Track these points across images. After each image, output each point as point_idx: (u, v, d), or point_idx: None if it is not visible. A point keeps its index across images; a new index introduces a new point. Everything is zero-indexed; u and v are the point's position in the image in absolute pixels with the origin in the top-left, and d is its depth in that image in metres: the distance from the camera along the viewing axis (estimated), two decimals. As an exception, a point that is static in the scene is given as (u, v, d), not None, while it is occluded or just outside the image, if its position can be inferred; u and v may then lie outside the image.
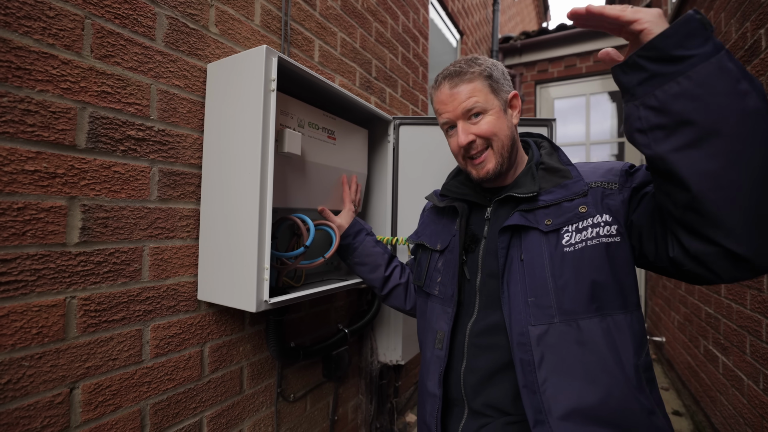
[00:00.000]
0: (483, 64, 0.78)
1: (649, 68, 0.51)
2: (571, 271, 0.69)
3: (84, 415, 0.76)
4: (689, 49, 0.48)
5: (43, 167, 0.70)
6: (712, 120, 0.48)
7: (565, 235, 0.71)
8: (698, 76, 0.48)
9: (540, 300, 0.70)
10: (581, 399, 0.64)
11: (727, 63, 0.47)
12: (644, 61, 0.52)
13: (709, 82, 0.47)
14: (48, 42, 0.71)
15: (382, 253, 1.08)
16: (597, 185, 0.73)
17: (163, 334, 0.90)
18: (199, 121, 0.98)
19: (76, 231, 0.75)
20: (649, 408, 0.65)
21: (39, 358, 0.70)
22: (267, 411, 1.20)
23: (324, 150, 1.14)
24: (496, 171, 0.79)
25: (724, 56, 0.48)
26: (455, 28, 3.18)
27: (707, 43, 0.48)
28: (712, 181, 0.50)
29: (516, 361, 0.69)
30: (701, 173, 0.50)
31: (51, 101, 0.71)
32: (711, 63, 0.47)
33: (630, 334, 0.68)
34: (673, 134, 0.51)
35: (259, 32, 1.16)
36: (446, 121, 0.81)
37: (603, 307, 0.68)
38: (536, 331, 0.68)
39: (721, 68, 0.47)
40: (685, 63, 0.48)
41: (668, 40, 0.49)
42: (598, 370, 0.65)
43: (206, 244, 0.96)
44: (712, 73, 0.47)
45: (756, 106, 0.47)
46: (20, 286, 0.68)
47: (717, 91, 0.47)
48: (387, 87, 1.89)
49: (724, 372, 1.90)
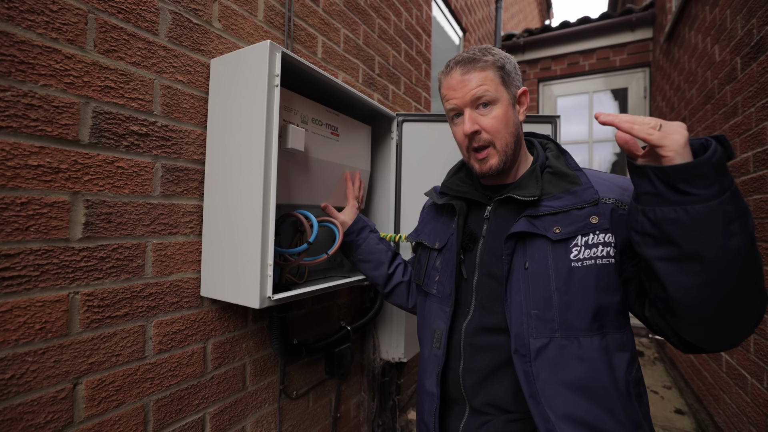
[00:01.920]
0: (497, 55, 0.77)
1: (657, 187, 0.53)
2: (577, 288, 0.68)
3: (87, 411, 0.76)
4: (693, 187, 0.50)
5: (46, 162, 0.70)
6: (696, 248, 0.52)
7: (574, 249, 0.69)
8: (694, 212, 0.50)
9: (543, 313, 0.69)
10: (576, 411, 0.66)
11: (725, 207, 0.50)
12: (655, 178, 0.53)
13: (702, 221, 0.50)
14: (51, 36, 0.70)
15: (385, 250, 1.08)
16: (609, 201, 0.72)
17: (166, 330, 0.90)
18: (203, 117, 0.97)
19: (80, 226, 0.75)
20: (638, 422, 0.68)
21: (42, 354, 0.70)
22: (270, 408, 1.20)
23: (327, 146, 1.13)
24: (499, 168, 0.78)
25: (724, 201, 0.50)
26: (458, 26, 3.17)
27: (712, 186, 0.50)
28: (685, 291, 0.56)
29: (518, 371, 0.70)
30: (677, 283, 0.56)
31: (54, 96, 0.71)
32: (709, 206, 0.50)
33: (624, 351, 0.70)
34: (660, 246, 0.56)
35: (263, 28, 1.15)
36: (453, 107, 0.79)
37: (604, 326, 0.69)
38: (537, 344, 0.69)
39: (716, 212, 0.50)
40: (687, 197, 0.51)
41: (678, 174, 0.51)
42: (593, 385, 0.66)
43: (209, 241, 0.95)
44: (707, 215, 0.50)
45: (741, 246, 0.51)
46: (24, 281, 0.67)
47: (707, 229, 0.51)
48: (390, 84, 1.88)
49: (727, 370, 1.89)
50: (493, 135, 0.76)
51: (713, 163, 0.49)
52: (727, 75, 1.93)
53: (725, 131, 1.95)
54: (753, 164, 1.62)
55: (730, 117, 1.89)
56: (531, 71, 4.34)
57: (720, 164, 0.49)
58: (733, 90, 1.85)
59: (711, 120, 2.17)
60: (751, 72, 1.66)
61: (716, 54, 2.09)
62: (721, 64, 2.03)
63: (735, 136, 1.82)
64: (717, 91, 2.08)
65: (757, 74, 1.60)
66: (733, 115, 1.85)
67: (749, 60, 1.68)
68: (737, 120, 1.80)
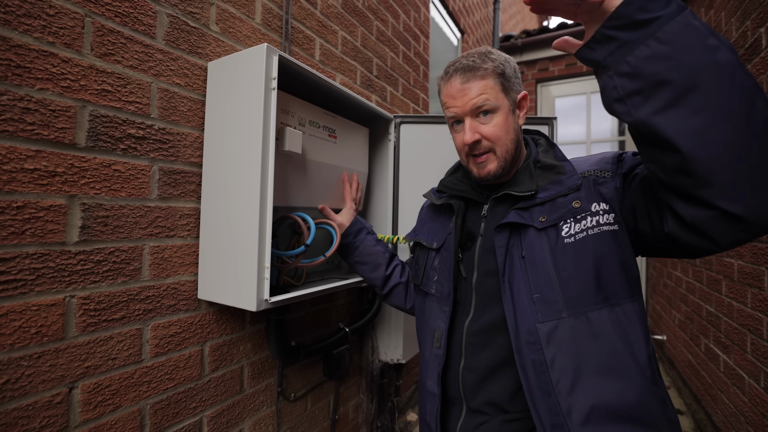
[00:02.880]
0: (497, 60, 0.76)
1: (618, 36, 0.51)
2: (573, 262, 0.68)
3: (83, 415, 0.75)
4: (652, 11, 0.48)
5: (42, 166, 0.70)
6: (687, 76, 0.48)
7: (564, 227, 0.70)
8: (666, 36, 0.48)
9: (545, 295, 0.68)
10: (601, 395, 0.62)
11: (693, 21, 0.48)
12: (612, 31, 0.51)
13: (678, 40, 0.48)
14: (48, 40, 0.70)
15: (382, 252, 1.08)
16: (590, 174, 0.73)
17: (163, 333, 0.89)
18: (200, 120, 0.97)
19: (76, 230, 0.75)
20: (662, 398, 0.64)
21: (38, 358, 0.69)
22: (267, 410, 1.20)
23: (325, 148, 1.13)
24: (497, 173, 0.79)
25: (688, 15, 0.48)
26: (456, 27, 3.17)
27: (670, 4, 0.48)
28: (699, 138, 0.49)
29: (526, 363, 0.67)
30: (687, 131, 0.49)
31: (51, 99, 0.71)
32: (677, 22, 0.48)
33: (639, 322, 0.67)
34: (652, 96, 0.51)
35: (260, 31, 1.15)
36: (453, 116, 0.79)
37: (610, 297, 0.67)
38: (545, 328, 0.66)
39: (687, 26, 0.48)
40: (652, 25, 0.49)
41: (631, 7, 0.49)
42: (613, 363, 0.63)
43: (207, 243, 0.95)
44: (679, 31, 0.48)
45: (727, 59, 0.48)
46: (19, 285, 0.67)
47: (687, 47, 0.48)
48: (388, 85, 1.89)
49: (725, 370, 1.90)
50: (493, 142, 0.77)
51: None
52: (723, 76, 1.94)
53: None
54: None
55: (726, 118, 1.90)
56: (529, 72, 4.36)
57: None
58: (729, 91, 1.86)
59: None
60: (747, 73, 1.67)
61: (712, 55, 2.10)
62: (717, 66, 2.03)
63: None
64: (713, 93, 2.08)
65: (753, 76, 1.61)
66: (729, 116, 1.85)
67: (744, 62, 1.69)
68: (733, 121, 1.81)
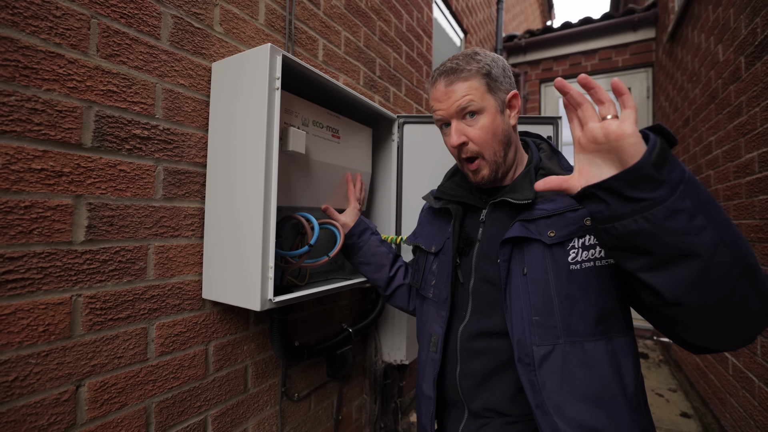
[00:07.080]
0: (482, 61, 0.75)
1: (609, 202, 0.49)
2: (578, 291, 0.67)
3: (90, 413, 0.76)
4: (642, 192, 0.47)
5: (49, 166, 0.71)
6: (671, 253, 0.48)
7: (571, 251, 0.68)
8: (654, 218, 0.47)
9: (545, 320, 0.67)
10: (585, 420, 0.64)
11: (682, 204, 0.46)
12: (603, 193, 0.49)
13: (665, 224, 0.47)
14: (55, 41, 0.71)
15: (386, 252, 1.08)
16: None
17: (168, 332, 0.90)
18: (204, 120, 0.98)
19: (82, 229, 0.75)
20: (645, 427, 0.66)
21: (45, 356, 0.70)
22: (271, 410, 1.20)
23: (328, 148, 1.13)
24: (491, 177, 0.78)
25: (678, 197, 0.46)
26: (459, 27, 3.17)
27: (661, 186, 0.46)
28: (679, 290, 0.50)
29: (524, 381, 0.68)
30: (669, 284, 0.50)
31: (57, 100, 0.72)
32: (665, 207, 0.46)
33: (631, 356, 0.67)
34: (638, 258, 0.51)
35: (264, 31, 1.16)
36: (440, 119, 0.79)
37: (608, 330, 0.67)
38: (541, 352, 0.67)
39: (674, 211, 0.46)
40: (639, 204, 0.47)
41: (621, 183, 0.48)
42: (601, 393, 0.64)
43: (211, 243, 0.96)
44: (666, 216, 0.46)
45: (713, 238, 0.47)
46: (27, 284, 0.68)
47: (672, 231, 0.47)
48: (391, 86, 1.89)
49: (734, 373, 1.87)
50: (480, 146, 0.76)
51: (653, 162, 0.46)
52: (731, 74, 1.91)
53: (730, 131, 1.93)
54: (758, 164, 1.61)
55: (734, 117, 1.88)
56: (533, 72, 4.34)
57: (663, 159, 0.46)
58: (738, 89, 1.84)
59: (715, 120, 2.16)
60: (756, 71, 1.64)
61: (720, 53, 2.08)
62: (724, 64, 2.01)
63: (740, 136, 1.80)
64: (721, 91, 2.06)
65: (762, 73, 1.59)
66: (738, 114, 1.83)
67: (753, 59, 1.67)
68: (742, 120, 1.78)
